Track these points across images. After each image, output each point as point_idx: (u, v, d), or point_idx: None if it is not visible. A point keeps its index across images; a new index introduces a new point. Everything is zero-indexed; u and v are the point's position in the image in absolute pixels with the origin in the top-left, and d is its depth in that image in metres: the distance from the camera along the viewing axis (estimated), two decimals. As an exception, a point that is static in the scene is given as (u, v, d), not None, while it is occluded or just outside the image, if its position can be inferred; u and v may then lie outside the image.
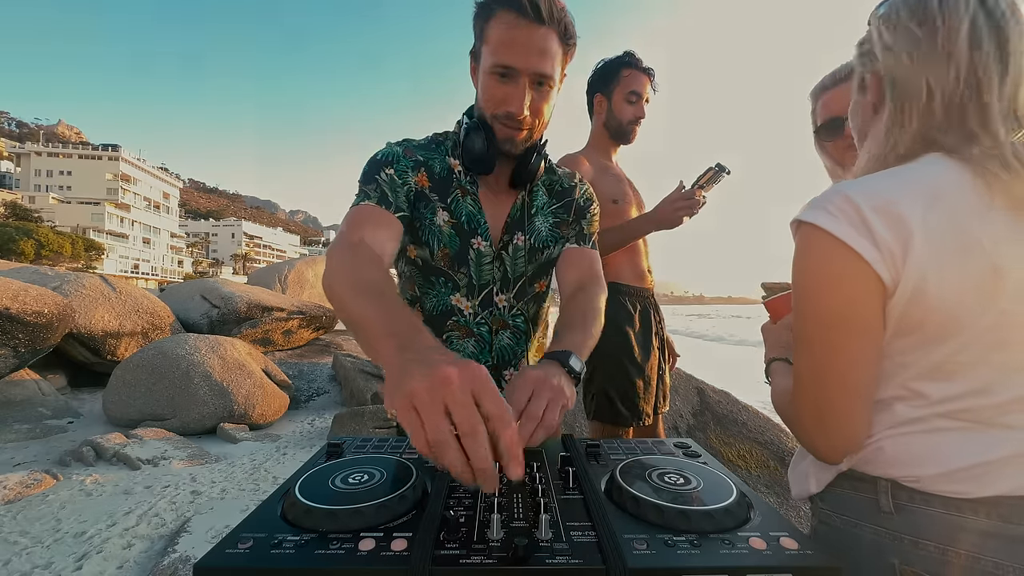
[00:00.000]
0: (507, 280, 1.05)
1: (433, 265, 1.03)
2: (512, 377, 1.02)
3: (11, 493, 2.78)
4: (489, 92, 0.95)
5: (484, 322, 1.05)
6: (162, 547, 2.38)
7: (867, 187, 0.64)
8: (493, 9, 0.90)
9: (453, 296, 1.04)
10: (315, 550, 0.49)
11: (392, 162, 0.99)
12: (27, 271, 6.15)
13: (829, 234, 0.63)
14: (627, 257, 1.83)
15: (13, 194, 65.46)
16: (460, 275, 1.03)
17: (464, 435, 0.48)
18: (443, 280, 1.03)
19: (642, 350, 1.78)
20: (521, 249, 1.06)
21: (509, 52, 0.90)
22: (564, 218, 1.12)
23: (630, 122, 1.82)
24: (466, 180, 1.03)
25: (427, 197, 1.01)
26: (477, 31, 0.95)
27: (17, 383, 4.72)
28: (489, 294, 1.04)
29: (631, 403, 1.73)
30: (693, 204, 1.65)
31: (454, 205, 1.02)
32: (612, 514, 0.56)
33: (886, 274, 0.61)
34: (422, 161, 1.02)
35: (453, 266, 1.02)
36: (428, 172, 1.02)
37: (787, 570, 0.47)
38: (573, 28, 0.93)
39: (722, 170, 1.65)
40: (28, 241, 37.26)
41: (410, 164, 1.00)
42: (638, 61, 1.81)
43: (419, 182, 1.01)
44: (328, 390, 5.96)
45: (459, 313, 1.04)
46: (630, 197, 1.88)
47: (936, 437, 0.64)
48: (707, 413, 3.21)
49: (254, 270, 14.85)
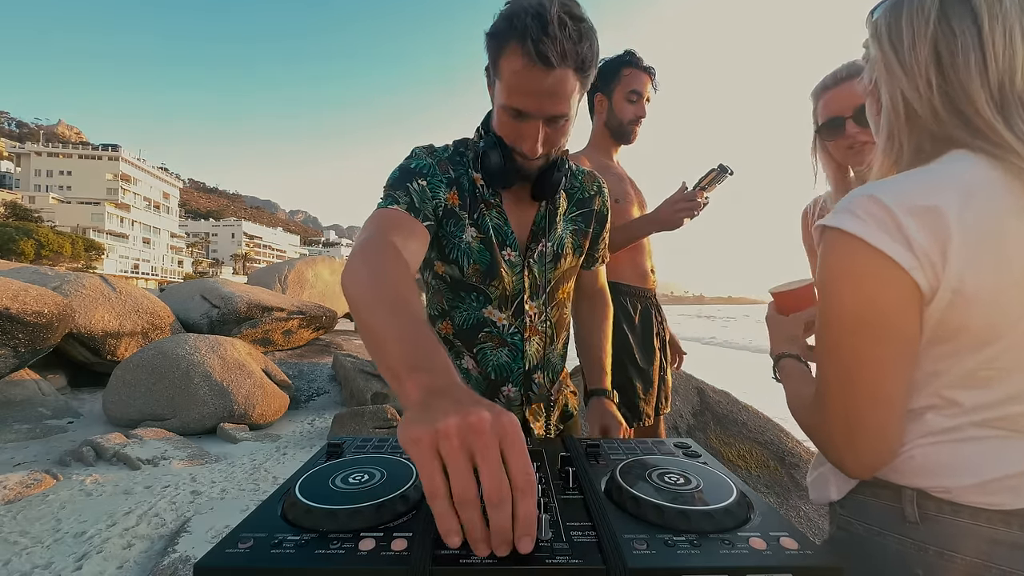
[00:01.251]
0: (536, 287, 1.06)
1: (464, 282, 1.03)
2: (541, 379, 1.07)
3: (11, 493, 2.78)
4: (504, 127, 0.94)
5: (517, 331, 1.05)
6: (162, 547, 2.38)
7: (896, 188, 0.61)
8: (505, 44, 0.85)
9: (485, 309, 1.04)
10: (315, 550, 0.49)
11: (426, 174, 0.97)
12: (27, 271, 6.15)
13: (860, 240, 0.59)
14: (629, 257, 1.83)
15: (13, 194, 65.47)
16: (492, 288, 1.03)
17: (490, 503, 0.42)
18: (475, 295, 1.04)
19: (642, 351, 1.78)
20: (545, 256, 1.06)
21: (521, 97, 0.87)
22: (583, 228, 1.13)
23: (631, 121, 1.82)
24: (489, 193, 1.02)
25: (456, 215, 1.00)
26: (491, 57, 0.90)
27: (17, 383, 4.72)
28: (521, 303, 1.05)
29: (631, 403, 1.73)
30: (694, 206, 1.64)
31: (480, 220, 1.01)
32: (612, 514, 0.56)
33: (923, 281, 0.58)
34: (454, 178, 1.01)
35: (485, 280, 1.02)
36: (459, 189, 1.01)
37: (787, 570, 0.47)
38: (591, 57, 0.86)
39: (724, 171, 1.64)
40: (28, 241, 37.27)
41: (444, 180, 0.99)
42: (639, 60, 1.81)
43: (450, 200, 0.99)
44: (328, 390, 5.96)
45: (492, 325, 1.04)
46: (632, 196, 1.88)
47: (970, 447, 0.61)
48: (707, 413, 3.21)
49: (254, 270, 14.86)
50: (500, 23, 0.85)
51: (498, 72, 0.89)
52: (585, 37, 0.84)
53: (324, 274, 10.58)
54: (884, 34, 0.68)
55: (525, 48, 0.81)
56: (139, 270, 74.17)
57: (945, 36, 0.63)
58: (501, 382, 1.06)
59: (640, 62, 1.81)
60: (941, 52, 0.63)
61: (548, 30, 0.80)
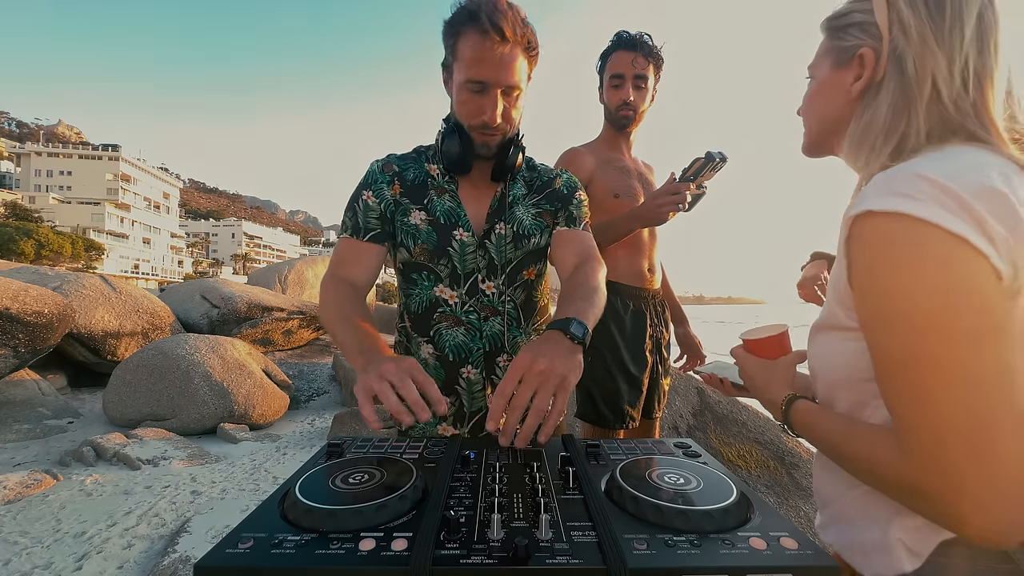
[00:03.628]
0: (493, 267, 1.10)
1: (413, 262, 1.10)
2: (505, 363, 1.09)
3: (11, 493, 2.78)
4: (464, 104, 1.03)
5: (472, 310, 1.09)
6: (162, 547, 2.38)
7: (945, 168, 0.53)
8: (462, 28, 0.98)
9: (436, 288, 1.10)
10: (315, 550, 0.49)
11: (371, 183, 1.11)
12: (27, 271, 6.15)
13: (933, 226, 0.50)
14: (624, 255, 1.75)
15: (13, 194, 65.46)
16: (441, 266, 1.09)
17: (397, 386, 0.73)
18: (424, 274, 1.10)
19: (630, 352, 1.68)
20: (504, 237, 1.11)
21: (479, 69, 0.98)
22: (547, 208, 1.17)
23: (618, 107, 1.72)
24: (445, 180, 1.12)
25: (400, 203, 1.10)
26: (448, 46, 1.02)
27: (17, 383, 4.72)
28: (475, 282, 1.09)
29: (614, 405, 1.65)
30: (678, 199, 1.52)
31: (429, 204, 1.10)
32: (612, 514, 0.56)
33: (1004, 268, 0.50)
34: (397, 172, 1.12)
35: (433, 259, 1.09)
36: (401, 181, 1.11)
37: (787, 570, 0.47)
38: (535, 40, 1.02)
39: (711, 159, 1.51)
40: (28, 241, 37.28)
41: (386, 179, 1.11)
42: (621, 40, 1.69)
43: (393, 192, 1.10)
44: (328, 390, 5.96)
45: (444, 304, 1.09)
46: (636, 191, 1.76)
47: None
48: (707, 413, 3.21)
49: (254, 270, 14.86)
50: (457, 12, 0.99)
51: (456, 55, 1.00)
52: (528, 24, 0.99)
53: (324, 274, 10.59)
54: (920, 1, 0.61)
55: (481, 25, 0.94)
56: (139, 270, 74.17)
57: (987, 22, 0.58)
58: (460, 363, 1.09)
59: (623, 41, 1.69)
60: (985, 38, 0.58)
61: (500, 7, 0.95)
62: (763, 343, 0.87)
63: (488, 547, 0.49)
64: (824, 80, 0.72)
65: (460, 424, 1.10)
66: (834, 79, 0.70)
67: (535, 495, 0.58)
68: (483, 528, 0.53)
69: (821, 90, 0.73)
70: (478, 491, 0.62)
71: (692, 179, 1.55)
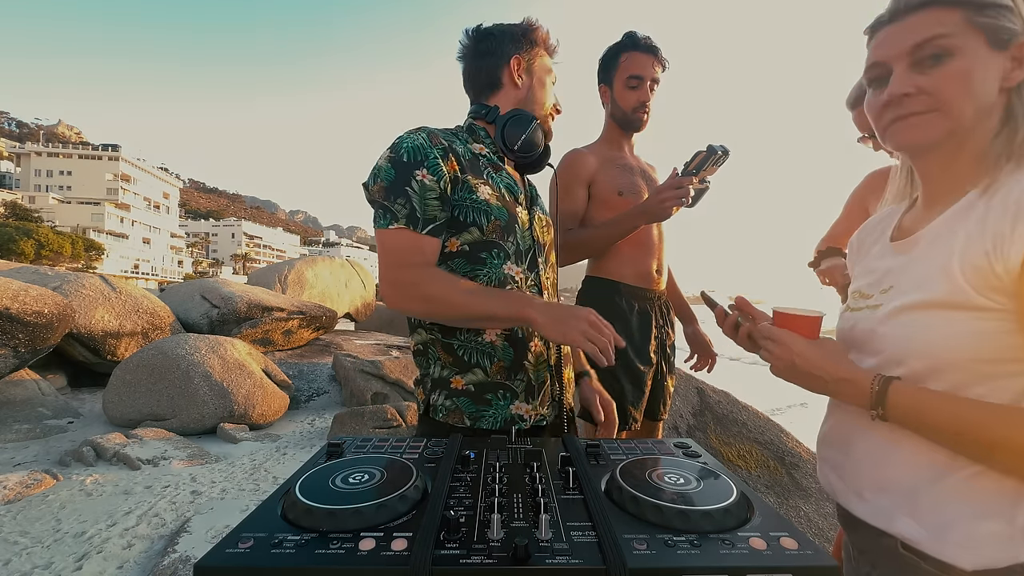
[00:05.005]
0: (540, 246, 1.16)
1: (484, 241, 1.05)
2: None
3: (11, 493, 2.78)
4: (546, 91, 1.20)
5: (535, 284, 1.12)
6: (162, 547, 2.38)
7: None
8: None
9: (505, 265, 1.07)
10: (315, 550, 0.49)
11: (422, 159, 0.99)
12: (27, 271, 6.14)
13: None
14: (630, 256, 1.73)
15: (13, 194, 65.43)
16: (509, 243, 1.08)
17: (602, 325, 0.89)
18: (495, 251, 1.06)
19: (635, 352, 1.68)
20: (542, 221, 1.19)
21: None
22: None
23: (635, 108, 1.71)
24: (496, 158, 1.15)
25: (461, 180, 1.03)
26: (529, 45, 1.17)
27: (17, 383, 4.72)
28: (533, 256, 1.13)
29: (617, 406, 1.66)
30: (681, 193, 1.50)
31: (491, 179, 1.09)
32: (612, 514, 0.56)
33: None
34: (447, 146, 1.03)
35: (504, 236, 1.07)
36: (456, 157, 1.04)
37: (787, 570, 0.47)
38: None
39: (713, 152, 1.50)
40: (28, 241, 37.26)
41: (440, 153, 1.01)
42: (638, 41, 1.69)
43: (451, 168, 1.02)
44: (328, 390, 5.95)
45: (512, 281, 1.08)
46: (639, 188, 1.75)
47: None
48: (707, 413, 3.21)
49: (254, 270, 14.85)
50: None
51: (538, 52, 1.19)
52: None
53: (324, 274, 10.57)
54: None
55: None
56: (139, 270, 74.12)
57: None
58: (529, 338, 1.08)
59: (640, 43, 1.69)
60: None
61: None
62: (800, 321, 0.79)
63: (488, 547, 0.49)
64: (976, 60, 0.64)
65: (531, 398, 1.07)
66: (990, 60, 0.63)
67: (535, 495, 0.58)
68: (483, 528, 0.53)
69: (973, 70, 0.64)
70: (478, 491, 0.62)
71: (694, 173, 1.53)
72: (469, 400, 1.04)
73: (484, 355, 1.05)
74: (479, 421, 1.04)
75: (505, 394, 1.05)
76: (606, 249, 1.72)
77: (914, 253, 0.72)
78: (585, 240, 1.69)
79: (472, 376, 1.05)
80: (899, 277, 0.73)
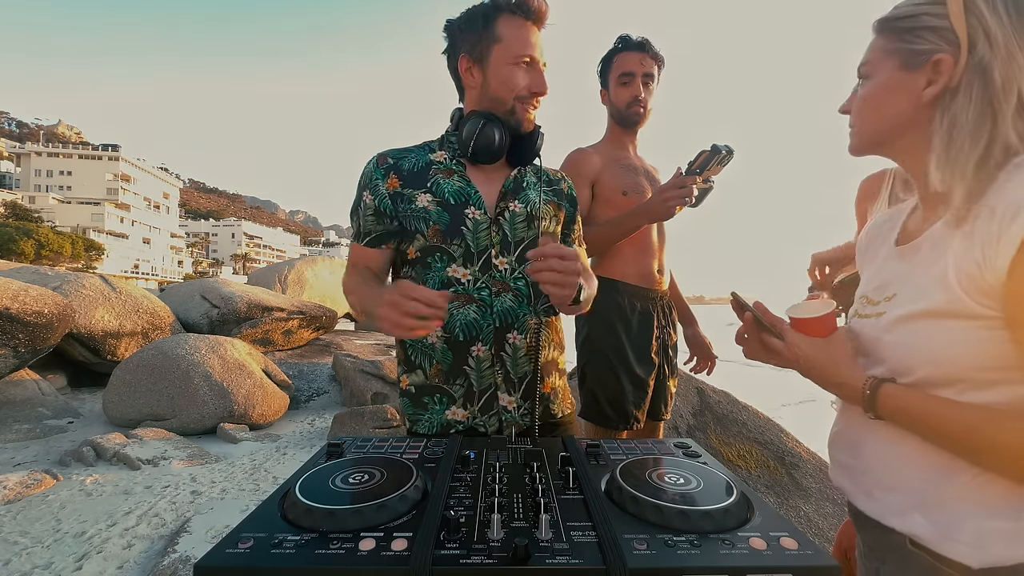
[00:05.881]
0: (507, 243, 1.12)
1: (429, 246, 1.10)
2: (515, 340, 1.10)
3: (11, 493, 2.78)
4: (515, 79, 1.11)
5: (485, 286, 1.10)
6: (162, 547, 2.38)
7: None
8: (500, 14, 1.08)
9: (449, 268, 1.09)
10: (315, 550, 0.49)
11: (367, 183, 1.12)
12: (27, 271, 6.15)
13: None
14: (632, 255, 1.74)
15: (13, 194, 65.44)
16: (454, 246, 1.10)
17: (409, 294, 0.83)
18: (439, 255, 1.10)
19: (636, 352, 1.68)
20: (518, 215, 1.14)
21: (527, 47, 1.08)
22: (554, 200, 1.22)
23: (628, 104, 1.73)
24: (453, 163, 1.14)
25: (401, 194, 1.10)
26: (483, 27, 1.08)
27: (17, 383, 4.72)
28: (488, 258, 1.10)
29: (618, 406, 1.65)
30: (685, 193, 1.51)
31: (434, 187, 1.11)
32: (612, 514, 0.56)
33: None
34: (392, 164, 1.12)
35: (446, 239, 1.10)
36: (397, 172, 1.12)
37: (787, 570, 0.47)
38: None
39: (717, 152, 1.49)
40: (28, 241, 37.27)
41: (380, 174, 1.11)
42: (628, 41, 1.72)
43: (389, 187, 1.10)
44: (328, 390, 5.95)
45: (456, 283, 1.09)
46: (643, 187, 1.75)
47: None
48: (707, 413, 3.21)
49: (254, 270, 14.86)
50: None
51: (496, 37, 1.08)
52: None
53: (324, 274, 10.57)
54: (1003, 12, 0.61)
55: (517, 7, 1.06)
56: (139, 270, 74.13)
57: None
58: (470, 342, 1.08)
59: (630, 43, 1.72)
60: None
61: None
62: (814, 322, 0.80)
63: (488, 547, 0.49)
64: (888, 81, 0.71)
65: (470, 404, 1.08)
66: (901, 81, 0.69)
67: (535, 495, 0.58)
68: (483, 528, 0.53)
69: (884, 91, 0.71)
70: (478, 491, 0.62)
71: (698, 172, 1.52)
72: (409, 402, 1.12)
73: (425, 356, 1.10)
74: (416, 425, 1.09)
75: (442, 398, 1.08)
76: (608, 248, 1.72)
77: (915, 260, 0.73)
78: (588, 239, 1.69)
79: (415, 377, 1.11)
80: (901, 285, 0.74)
